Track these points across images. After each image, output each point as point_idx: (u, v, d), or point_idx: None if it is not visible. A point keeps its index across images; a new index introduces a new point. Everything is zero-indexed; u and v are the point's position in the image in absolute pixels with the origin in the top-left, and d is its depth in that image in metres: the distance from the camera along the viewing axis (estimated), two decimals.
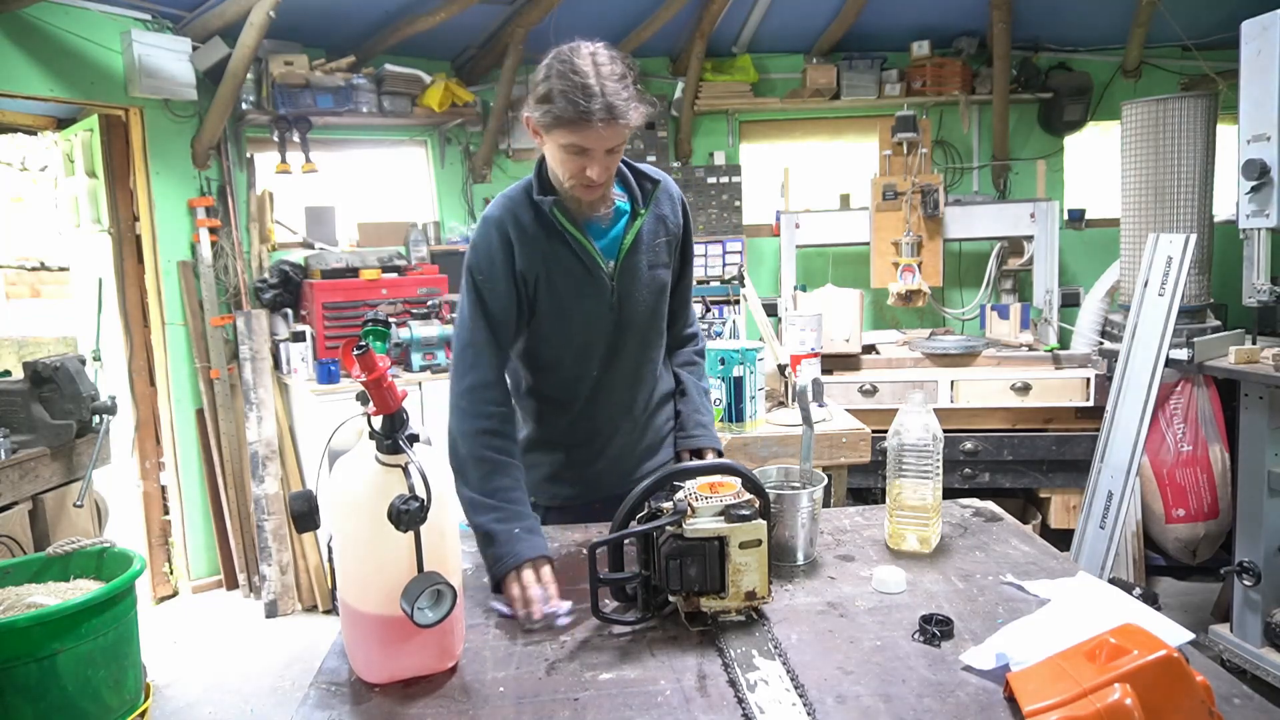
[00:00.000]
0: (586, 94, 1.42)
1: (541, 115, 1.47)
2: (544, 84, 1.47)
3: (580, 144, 1.47)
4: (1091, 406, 3.52)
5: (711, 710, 1.03)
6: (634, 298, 1.65)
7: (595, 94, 1.43)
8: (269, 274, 3.97)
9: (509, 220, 1.59)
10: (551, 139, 1.49)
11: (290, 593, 3.80)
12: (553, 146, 1.51)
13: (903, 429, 1.49)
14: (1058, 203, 4.19)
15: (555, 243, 1.60)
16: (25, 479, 2.68)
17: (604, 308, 1.63)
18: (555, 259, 1.60)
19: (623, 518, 1.25)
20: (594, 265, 1.61)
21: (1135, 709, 0.89)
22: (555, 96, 1.44)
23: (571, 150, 1.48)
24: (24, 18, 3.33)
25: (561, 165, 1.52)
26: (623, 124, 1.47)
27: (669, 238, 1.71)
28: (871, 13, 4.34)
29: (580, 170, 1.50)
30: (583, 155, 1.49)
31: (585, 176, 1.50)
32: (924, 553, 1.49)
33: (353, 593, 1.12)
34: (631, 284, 1.65)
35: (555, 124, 1.45)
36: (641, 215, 1.65)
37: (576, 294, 1.62)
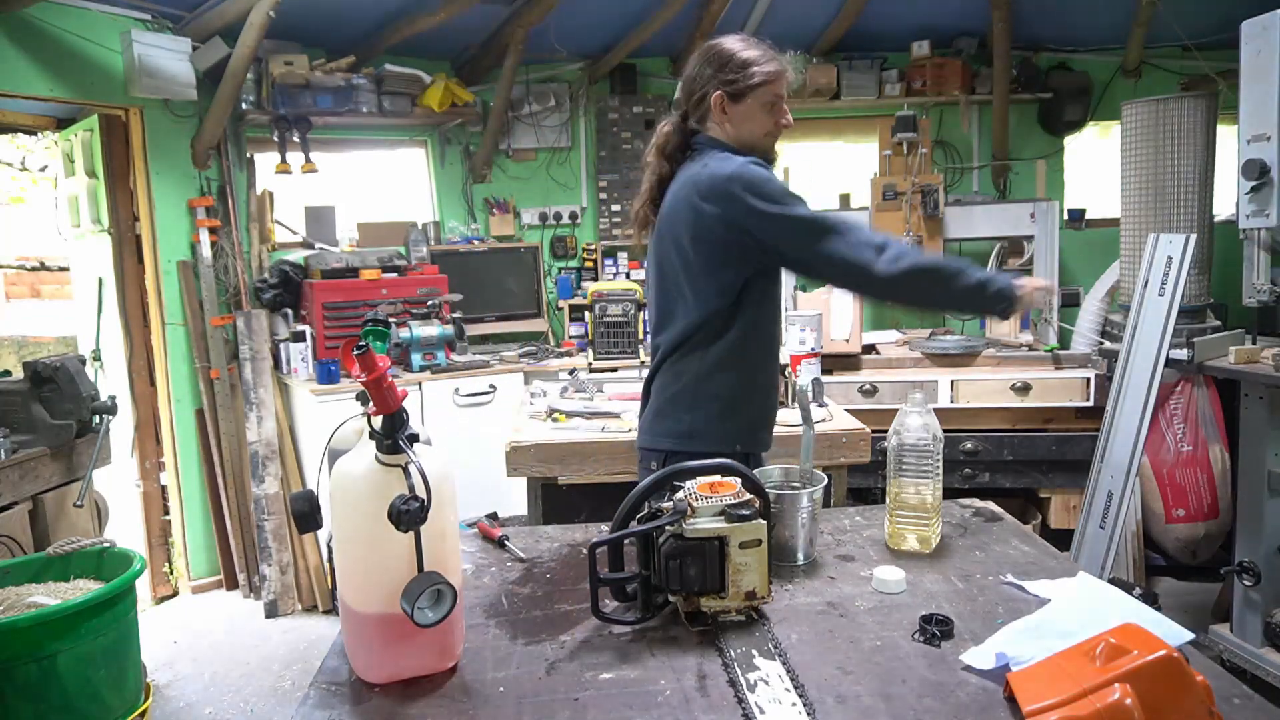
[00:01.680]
0: (774, 54, 1.78)
1: (748, 77, 1.75)
2: (740, 54, 1.76)
3: (781, 93, 1.78)
4: (1091, 406, 3.51)
5: (711, 710, 1.03)
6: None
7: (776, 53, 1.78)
8: (269, 274, 3.97)
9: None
10: (756, 97, 1.77)
11: (290, 593, 3.80)
12: (755, 106, 1.78)
13: (903, 429, 1.49)
14: (1058, 203, 4.19)
15: None
16: (25, 479, 2.68)
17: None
18: None
19: (623, 518, 1.25)
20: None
21: (1135, 709, 0.89)
22: (758, 60, 1.75)
23: (776, 102, 1.78)
24: (24, 18, 3.33)
25: (766, 120, 1.80)
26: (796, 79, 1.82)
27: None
28: (871, 13, 4.34)
29: (782, 115, 1.80)
30: (779, 104, 1.79)
31: (786, 119, 1.81)
32: (924, 553, 1.49)
33: (353, 593, 1.12)
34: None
35: (767, 79, 1.75)
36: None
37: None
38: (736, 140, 1.81)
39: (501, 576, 1.45)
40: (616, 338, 4.28)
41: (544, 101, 4.61)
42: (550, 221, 4.76)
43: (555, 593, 1.37)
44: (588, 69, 4.66)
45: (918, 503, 1.49)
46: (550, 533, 1.66)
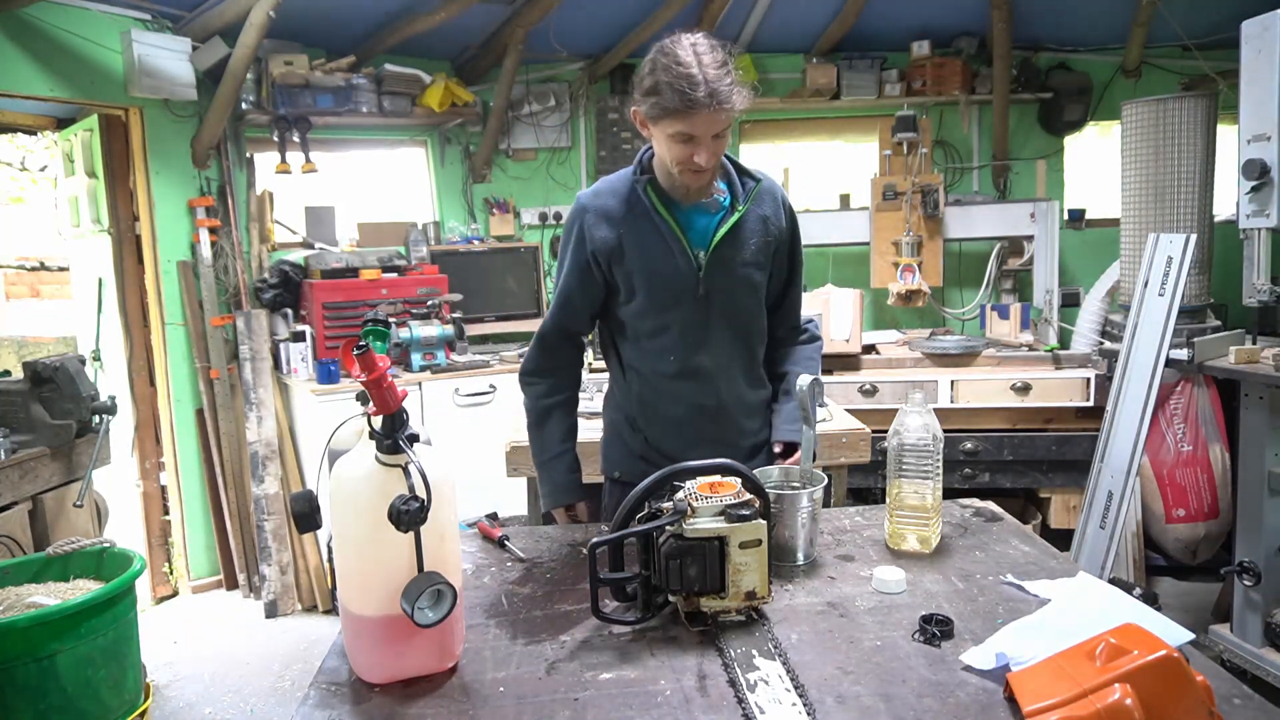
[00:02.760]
0: (691, 83, 1.50)
1: (649, 107, 1.56)
2: (649, 77, 1.56)
3: (688, 131, 1.54)
4: (1091, 406, 3.51)
5: (711, 710, 1.03)
6: (723, 291, 1.71)
7: (699, 82, 1.50)
8: (269, 274, 3.97)
9: (591, 204, 1.73)
10: (660, 129, 1.58)
11: (290, 593, 3.80)
12: (661, 136, 1.60)
13: (903, 429, 1.49)
14: (1058, 203, 4.19)
15: (643, 224, 1.69)
16: (25, 479, 2.68)
17: (689, 296, 1.70)
18: (639, 240, 1.69)
19: (623, 518, 1.25)
20: (679, 249, 1.68)
21: (1135, 709, 0.89)
22: (661, 88, 1.52)
23: (679, 138, 1.56)
24: (24, 17, 3.32)
25: (670, 153, 1.60)
26: (727, 109, 1.54)
27: (769, 239, 1.75)
28: (871, 13, 4.34)
29: (688, 157, 1.58)
30: (690, 142, 1.57)
31: (693, 162, 1.58)
32: (924, 553, 1.49)
33: (353, 593, 1.12)
34: (721, 277, 1.70)
35: (663, 114, 1.54)
36: (739, 210, 1.70)
37: (659, 276, 1.69)
38: (659, 161, 1.69)
39: (501, 576, 1.45)
40: None
41: (544, 101, 4.61)
42: (550, 221, 4.75)
43: (555, 593, 1.37)
44: (588, 69, 4.66)
45: (918, 503, 1.49)
46: (550, 533, 1.66)
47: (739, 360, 1.77)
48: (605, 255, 1.70)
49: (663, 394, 1.76)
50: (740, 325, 1.76)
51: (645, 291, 1.70)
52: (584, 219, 1.72)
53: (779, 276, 1.82)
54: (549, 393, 1.84)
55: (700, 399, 1.76)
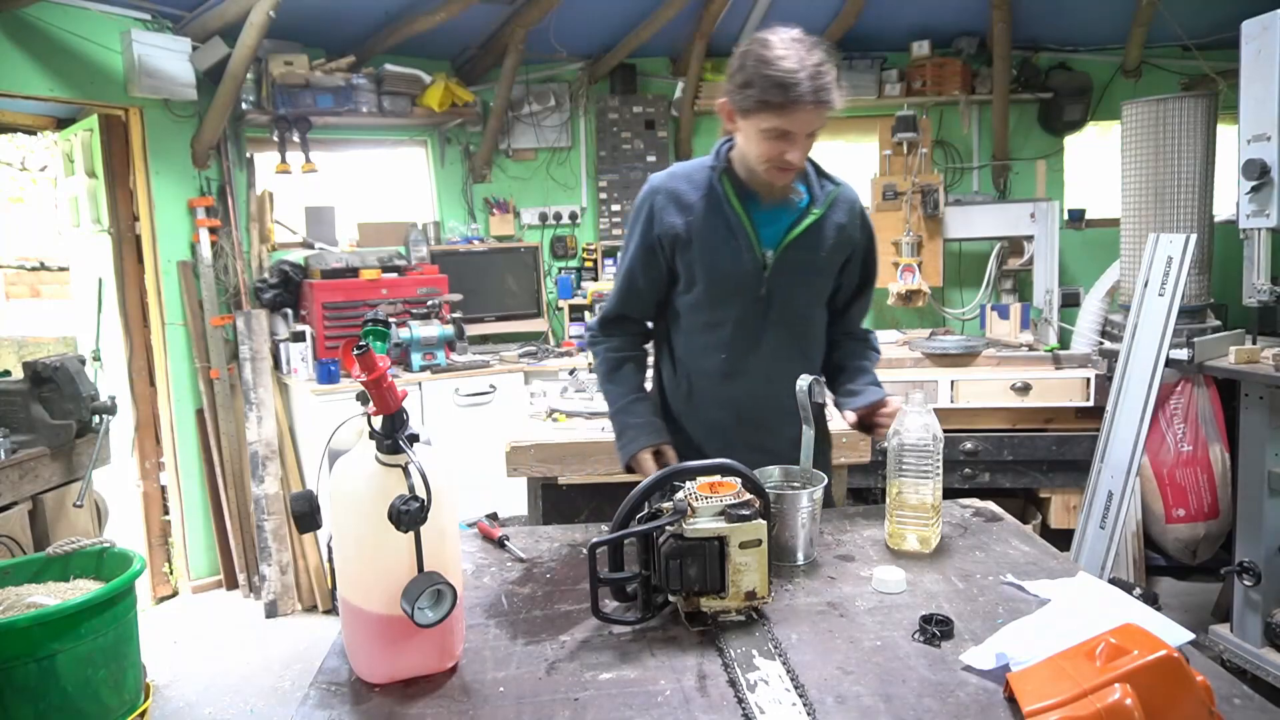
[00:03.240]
0: (793, 78, 1.47)
1: (744, 99, 1.52)
2: (743, 70, 1.52)
3: (785, 127, 1.51)
4: (1091, 406, 3.51)
5: (711, 710, 1.03)
6: (786, 293, 1.68)
7: (802, 78, 1.47)
8: (269, 274, 3.97)
9: (663, 188, 1.69)
10: (751, 123, 1.54)
11: (290, 593, 3.80)
12: (751, 131, 1.55)
13: (903, 429, 1.49)
14: (1058, 203, 4.19)
15: (714, 216, 1.65)
16: (25, 479, 2.68)
17: (751, 295, 1.67)
18: (708, 231, 1.65)
19: (623, 518, 1.25)
20: (747, 244, 1.65)
21: (1135, 709, 0.89)
22: (758, 80, 1.49)
23: (773, 134, 1.52)
24: (24, 18, 3.32)
25: (760, 148, 1.56)
26: (826, 107, 1.51)
27: (841, 247, 1.72)
28: (871, 13, 4.34)
29: (780, 154, 1.54)
30: (784, 139, 1.53)
31: (784, 160, 1.55)
32: (924, 553, 1.49)
33: (353, 593, 1.12)
34: (786, 279, 1.67)
35: (760, 108, 1.50)
36: (814, 214, 1.66)
37: (724, 270, 1.66)
38: (741, 156, 1.65)
39: (501, 576, 1.45)
40: None
41: (544, 101, 4.61)
42: (550, 221, 4.75)
43: (555, 593, 1.37)
44: (588, 69, 4.66)
45: (918, 503, 1.49)
46: (550, 533, 1.66)
47: (791, 366, 1.71)
48: (670, 240, 1.66)
49: (709, 393, 1.74)
50: (797, 330, 1.73)
51: (705, 284, 1.67)
52: (654, 200, 1.68)
53: (849, 285, 1.79)
54: (620, 347, 1.80)
55: (746, 402, 1.73)
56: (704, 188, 1.67)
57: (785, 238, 1.66)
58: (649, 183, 1.72)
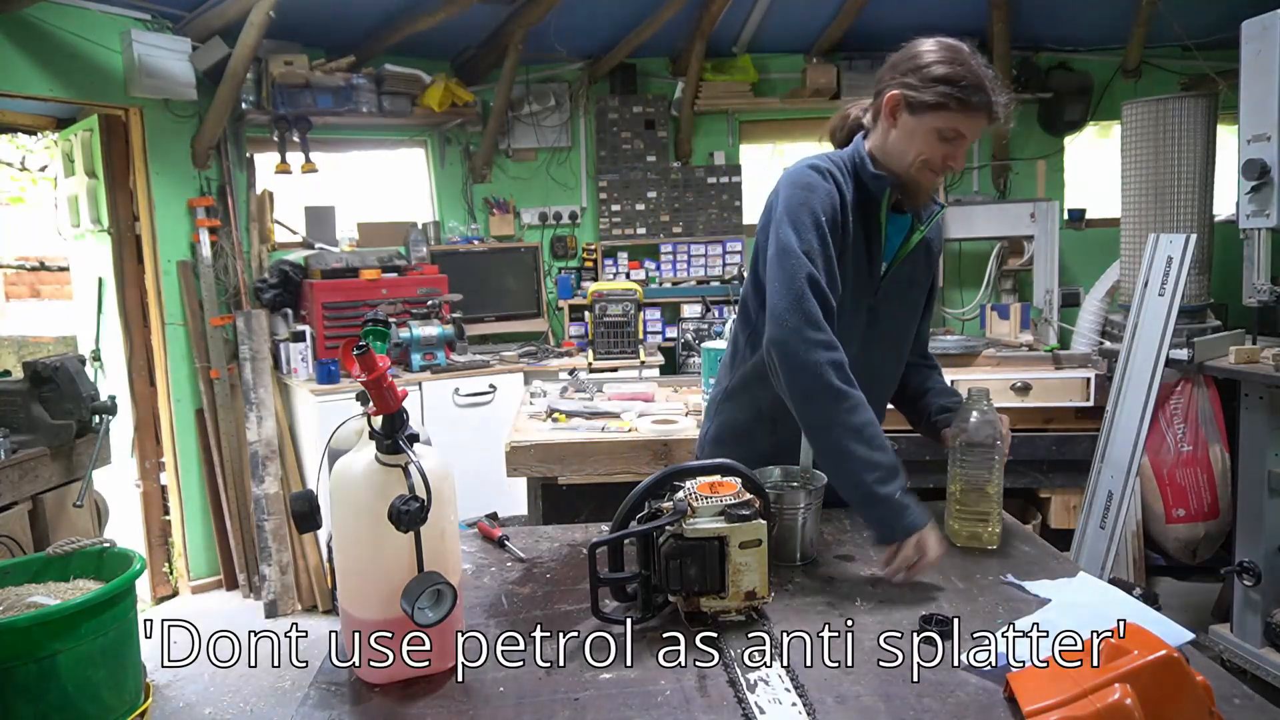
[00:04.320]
0: (986, 86, 1.50)
1: (930, 94, 1.50)
2: (938, 65, 1.51)
3: (961, 130, 1.51)
4: (1091, 406, 3.51)
5: (711, 710, 1.03)
6: (890, 306, 1.67)
7: (990, 88, 1.50)
8: (269, 274, 3.97)
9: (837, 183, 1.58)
10: (925, 120, 1.51)
11: (290, 593, 3.80)
12: (920, 129, 1.52)
13: (968, 425, 1.48)
14: (1058, 203, 4.19)
15: (862, 223, 1.61)
16: (25, 479, 2.68)
17: (863, 308, 1.64)
18: (856, 238, 1.60)
19: (622, 517, 1.25)
20: (877, 258, 1.62)
21: (1135, 709, 0.89)
22: (954, 79, 1.48)
23: (947, 134, 1.51)
24: (24, 18, 3.33)
25: (925, 148, 1.52)
26: (1000, 122, 1.54)
27: (931, 262, 1.75)
28: (871, 12, 4.34)
29: (945, 156, 1.53)
30: (952, 142, 1.52)
31: (945, 164, 1.54)
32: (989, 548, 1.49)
33: (353, 593, 1.12)
34: (893, 292, 1.66)
35: (945, 104, 1.49)
36: (920, 231, 1.65)
37: (852, 279, 1.60)
38: (882, 153, 1.58)
39: (501, 576, 1.45)
40: (616, 338, 4.29)
41: (544, 101, 4.61)
42: (550, 221, 4.76)
43: (555, 593, 1.37)
44: (588, 69, 4.66)
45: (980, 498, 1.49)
46: (550, 533, 1.66)
47: (883, 379, 1.70)
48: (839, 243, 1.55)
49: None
50: (893, 345, 1.71)
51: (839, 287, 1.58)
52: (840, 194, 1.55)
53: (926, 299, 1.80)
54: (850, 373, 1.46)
55: None
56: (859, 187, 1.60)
57: (900, 251, 1.64)
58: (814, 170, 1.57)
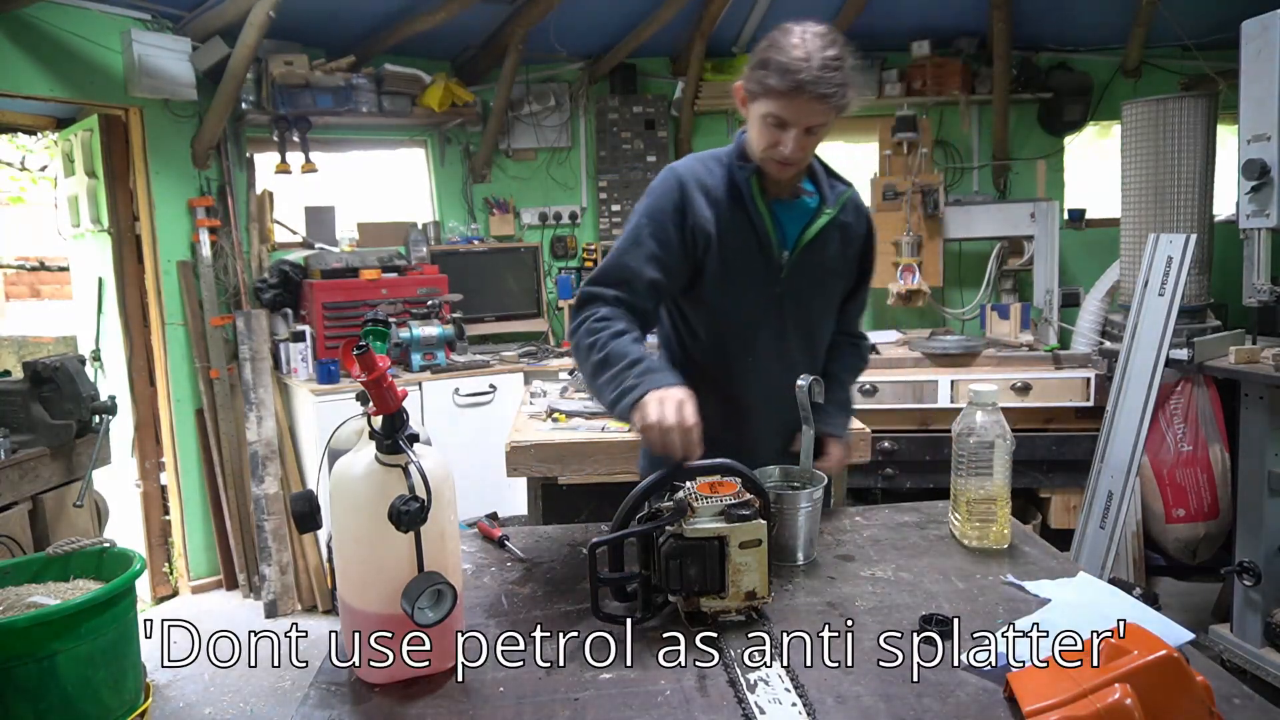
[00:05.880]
0: (796, 67, 1.44)
1: (752, 81, 1.50)
2: (761, 52, 1.50)
3: (782, 115, 1.48)
4: (1091, 406, 3.51)
5: (711, 710, 1.03)
6: (802, 295, 1.66)
7: (804, 68, 1.44)
8: (269, 274, 3.97)
9: (692, 178, 1.61)
10: (755, 107, 1.52)
11: (290, 593, 3.80)
12: (754, 115, 1.53)
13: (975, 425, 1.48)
14: (1058, 203, 4.19)
15: (739, 213, 1.61)
16: (25, 479, 2.68)
17: (769, 296, 1.64)
18: (734, 228, 1.61)
19: (622, 518, 1.25)
20: (768, 246, 1.61)
21: (1135, 709, 0.89)
22: (768, 64, 1.47)
23: (771, 121, 1.50)
24: (24, 18, 3.32)
25: (759, 136, 1.53)
26: (828, 102, 1.47)
27: (848, 246, 1.70)
28: (871, 13, 4.34)
29: (775, 144, 1.52)
30: (781, 128, 1.50)
31: (778, 151, 1.52)
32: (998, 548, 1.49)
33: (353, 592, 1.12)
34: (802, 281, 1.65)
35: (762, 91, 1.49)
36: (826, 214, 1.64)
37: (744, 269, 1.62)
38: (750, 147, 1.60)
39: (501, 576, 1.45)
40: None
41: (544, 101, 4.61)
42: (550, 221, 4.76)
43: (555, 593, 1.37)
44: (588, 69, 4.66)
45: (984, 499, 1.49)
46: (550, 533, 1.66)
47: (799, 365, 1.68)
48: (703, 236, 1.59)
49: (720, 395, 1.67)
50: (807, 333, 1.70)
51: (725, 283, 1.62)
52: (686, 189, 1.59)
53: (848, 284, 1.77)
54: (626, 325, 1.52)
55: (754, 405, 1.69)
56: (728, 181, 1.62)
57: (801, 238, 1.63)
58: (674, 170, 1.63)
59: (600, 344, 1.47)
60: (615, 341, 1.47)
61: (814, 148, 1.57)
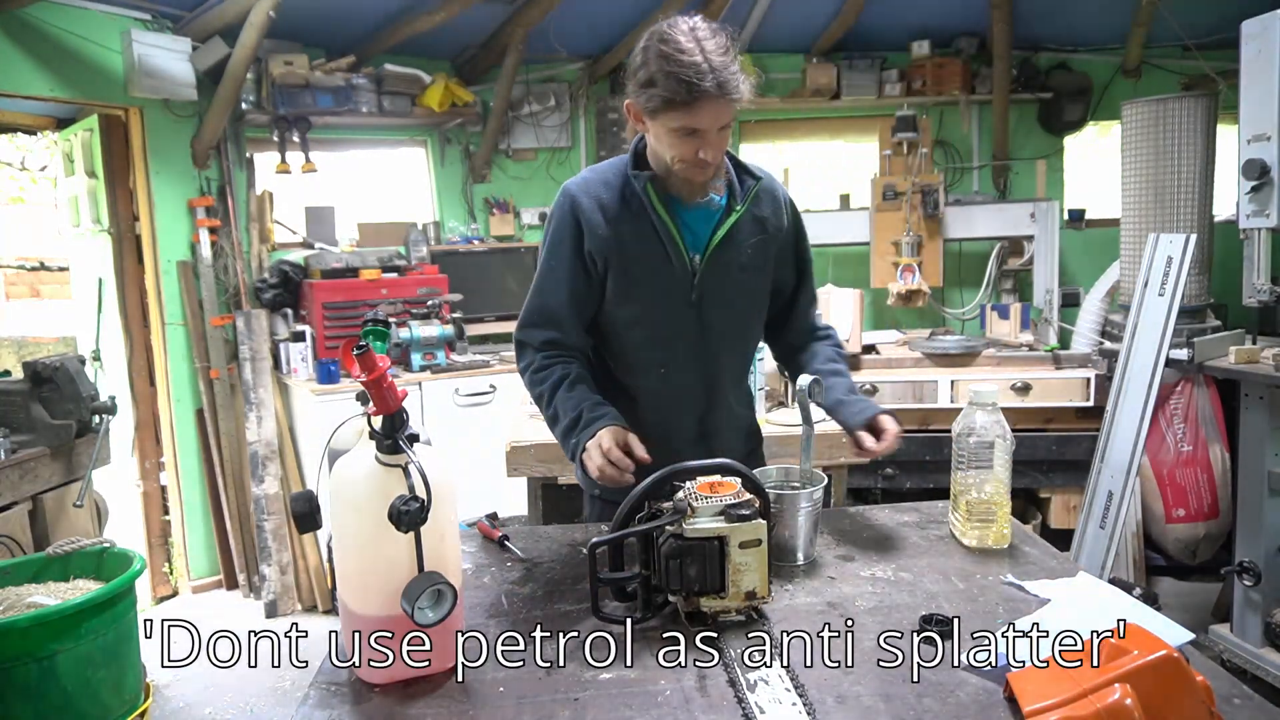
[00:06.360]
0: (696, 72, 1.36)
1: (646, 100, 1.42)
2: (644, 68, 1.42)
3: (692, 125, 1.42)
4: (1091, 406, 3.51)
5: (711, 710, 1.03)
6: (718, 297, 1.60)
7: (705, 71, 1.37)
8: (269, 274, 3.97)
9: (584, 194, 1.57)
10: (659, 123, 1.44)
11: (290, 593, 3.80)
12: (660, 130, 1.45)
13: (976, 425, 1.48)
14: (1058, 203, 4.19)
15: (639, 223, 1.56)
16: (25, 479, 2.68)
17: (682, 301, 1.59)
18: (635, 239, 1.56)
19: (623, 517, 1.25)
20: (675, 252, 1.56)
21: (1135, 709, 0.89)
22: (660, 78, 1.39)
23: (683, 133, 1.43)
24: (24, 17, 3.32)
25: (671, 149, 1.47)
26: (734, 99, 1.41)
27: (767, 240, 1.63)
28: (871, 13, 4.34)
29: (693, 152, 1.45)
30: (694, 136, 1.44)
31: (698, 158, 1.46)
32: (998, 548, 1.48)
33: (353, 593, 1.12)
34: (716, 282, 1.59)
35: (664, 107, 1.41)
36: (737, 211, 1.58)
37: (651, 280, 1.58)
38: (655, 156, 1.54)
39: (501, 576, 1.45)
40: None
41: (544, 101, 4.61)
42: None
43: (555, 593, 1.37)
44: (588, 69, 4.66)
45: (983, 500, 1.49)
46: (550, 533, 1.66)
47: (730, 374, 1.66)
48: (601, 255, 1.56)
49: (652, 409, 1.65)
50: (733, 335, 1.66)
51: (636, 296, 1.58)
52: (578, 211, 1.56)
53: (785, 280, 1.71)
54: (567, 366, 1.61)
55: (688, 416, 1.67)
56: (625, 193, 1.57)
57: (711, 239, 1.57)
58: (565, 190, 1.60)
59: (545, 398, 1.59)
60: (555, 395, 1.57)
61: (726, 143, 1.51)
